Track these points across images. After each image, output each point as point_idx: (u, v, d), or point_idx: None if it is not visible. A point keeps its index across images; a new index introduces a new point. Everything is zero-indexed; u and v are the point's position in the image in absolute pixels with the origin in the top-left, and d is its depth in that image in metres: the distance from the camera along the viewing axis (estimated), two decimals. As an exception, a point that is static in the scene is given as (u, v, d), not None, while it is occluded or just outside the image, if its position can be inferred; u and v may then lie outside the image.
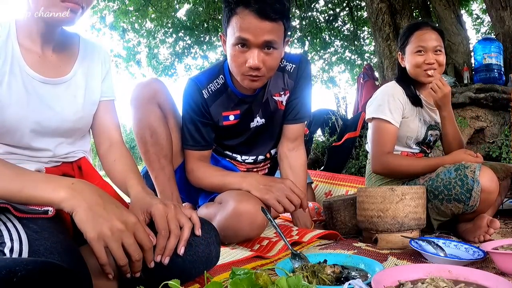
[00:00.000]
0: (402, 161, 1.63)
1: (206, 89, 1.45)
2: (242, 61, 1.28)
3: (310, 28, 8.26)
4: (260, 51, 1.26)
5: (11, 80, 0.92)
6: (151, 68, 8.96)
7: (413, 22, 1.83)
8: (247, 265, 1.10)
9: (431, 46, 1.64)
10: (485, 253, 1.09)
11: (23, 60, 0.94)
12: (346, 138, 3.85)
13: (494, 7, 4.07)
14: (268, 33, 1.23)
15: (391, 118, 1.62)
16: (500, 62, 3.67)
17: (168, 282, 0.67)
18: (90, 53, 1.10)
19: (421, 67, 1.65)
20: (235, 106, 1.49)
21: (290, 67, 1.53)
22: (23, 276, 0.51)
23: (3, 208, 0.69)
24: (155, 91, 1.48)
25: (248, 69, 1.28)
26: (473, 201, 1.36)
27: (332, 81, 10.13)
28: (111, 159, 1.10)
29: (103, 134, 1.12)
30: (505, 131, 3.24)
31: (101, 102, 1.12)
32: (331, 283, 0.84)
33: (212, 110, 1.48)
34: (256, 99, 1.51)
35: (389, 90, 1.70)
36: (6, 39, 0.92)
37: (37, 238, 0.68)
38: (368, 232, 1.41)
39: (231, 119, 1.51)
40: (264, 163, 1.73)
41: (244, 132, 1.58)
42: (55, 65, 1.01)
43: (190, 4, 7.91)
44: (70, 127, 1.03)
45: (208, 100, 1.46)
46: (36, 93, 0.96)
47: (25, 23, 0.95)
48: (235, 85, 1.46)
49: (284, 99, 1.56)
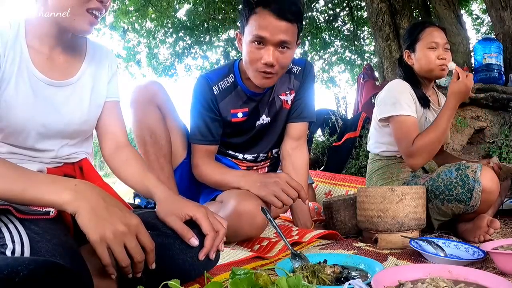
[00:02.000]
0: (426, 137, 1.56)
1: (216, 86, 1.51)
2: (258, 58, 1.34)
3: (310, 28, 8.26)
4: (275, 49, 1.33)
5: (18, 81, 0.92)
6: (151, 68, 8.95)
7: (418, 21, 1.87)
8: (247, 265, 1.10)
9: (442, 42, 1.68)
10: (485, 253, 1.09)
11: (31, 61, 0.94)
12: (346, 138, 3.84)
13: (494, 7, 4.07)
14: (284, 32, 1.30)
15: (411, 111, 1.63)
16: (500, 62, 3.66)
17: (168, 282, 0.67)
18: (97, 56, 1.10)
19: (435, 62, 1.68)
20: (243, 104, 1.54)
21: (296, 69, 1.60)
22: (25, 276, 0.51)
23: (4, 209, 0.69)
24: (154, 93, 1.52)
25: (262, 65, 1.34)
26: (474, 201, 1.36)
27: (332, 81, 10.12)
28: (121, 158, 1.10)
29: (108, 134, 1.12)
30: (505, 131, 3.24)
31: (106, 103, 1.12)
32: (331, 283, 0.84)
33: (221, 107, 1.52)
34: (263, 98, 1.55)
35: (400, 87, 1.71)
36: (15, 39, 0.92)
37: (38, 240, 0.68)
38: (368, 232, 1.41)
39: (239, 116, 1.55)
40: (264, 162, 1.74)
41: (249, 130, 1.61)
42: (62, 67, 1.01)
43: (190, 4, 7.90)
44: (75, 129, 1.04)
45: (218, 97, 1.51)
46: (43, 95, 0.96)
47: (36, 23, 0.95)
48: (245, 83, 1.52)
49: (290, 98, 1.60)
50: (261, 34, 1.30)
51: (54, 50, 0.99)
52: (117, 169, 1.11)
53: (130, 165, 1.08)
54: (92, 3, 0.91)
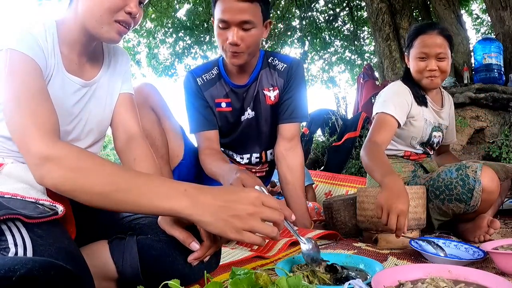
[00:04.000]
0: (369, 158, 1.43)
1: (200, 77, 1.62)
2: (224, 39, 1.43)
3: (310, 28, 8.27)
4: (239, 30, 1.41)
5: (53, 83, 0.94)
6: (151, 68, 8.97)
7: (420, 24, 1.77)
8: (247, 265, 1.10)
9: (434, 52, 1.59)
10: (485, 253, 1.09)
11: (63, 67, 0.96)
12: (346, 138, 3.85)
13: (494, 7, 4.07)
14: (245, 12, 1.39)
15: (394, 112, 1.57)
16: (500, 62, 3.67)
17: (168, 282, 0.67)
18: (112, 57, 1.12)
19: (423, 73, 1.63)
20: (226, 94, 1.62)
21: (281, 66, 1.63)
22: (23, 275, 0.50)
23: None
24: (147, 95, 1.56)
25: (229, 45, 1.43)
26: (474, 201, 1.35)
27: (332, 81, 10.12)
28: (130, 156, 1.09)
29: (120, 127, 1.12)
30: (505, 131, 3.24)
31: (120, 95, 1.12)
32: (331, 283, 0.84)
33: (206, 96, 1.62)
34: (247, 91, 1.61)
35: (395, 88, 1.69)
36: (52, 45, 0.93)
37: (41, 243, 0.67)
38: (368, 232, 1.41)
39: (223, 106, 1.63)
40: (261, 166, 1.75)
41: (236, 125, 1.66)
42: (87, 72, 1.04)
43: (190, 4, 7.91)
44: (89, 132, 1.06)
45: (202, 87, 1.61)
46: (71, 101, 0.98)
47: (67, 30, 0.97)
48: (228, 75, 1.61)
49: (273, 94, 1.64)
50: (223, 18, 1.39)
51: (82, 57, 1.01)
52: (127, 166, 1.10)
53: (137, 167, 1.06)
54: (121, 15, 0.93)
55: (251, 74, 1.59)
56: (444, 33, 1.63)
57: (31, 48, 0.87)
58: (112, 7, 0.91)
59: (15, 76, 0.82)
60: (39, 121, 0.79)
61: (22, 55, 0.85)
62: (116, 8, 0.92)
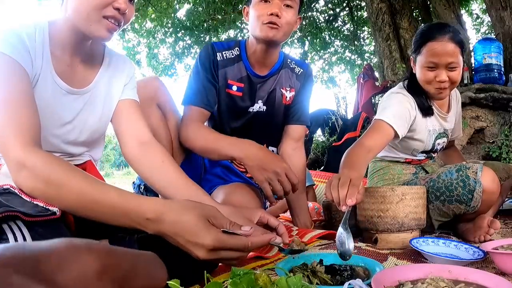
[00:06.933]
0: (345, 155, 1.38)
1: (221, 53, 1.55)
2: (264, 12, 1.43)
3: (310, 28, 8.27)
4: (281, 3, 1.43)
5: (41, 85, 0.92)
6: (151, 68, 8.97)
7: (428, 26, 1.58)
8: (247, 265, 1.10)
9: (444, 62, 1.44)
10: (485, 253, 1.09)
11: (53, 69, 0.95)
12: (346, 138, 3.85)
13: (494, 7, 4.07)
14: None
15: (392, 122, 1.46)
16: (500, 62, 3.67)
17: (168, 282, 0.67)
18: (113, 65, 1.10)
19: (432, 84, 1.50)
20: (241, 78, 1.57)
21: (298, 70, 1.67)
22: None
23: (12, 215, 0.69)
24: (155, 91, 1.49)
25: (268, 17, 1.42)
26: (474, 202, 1.35)
27: (332, 81, 10.12)
28: (156, 160, 1.08)
29: (127, 135, 1.10)
30: (505, 131, 3.24)
31: (125, 101, 1.11)
32: (332, 283, 0.84)
33: (220, 73, 1.55)
34: (263, 84, 1.59)
35: (399, 98, 1.56)
36: (42, 45, 0.93)
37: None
38: (368, 232, 1.41)
39: (234, 89, 1.57)
40: None
41: (243, 114, 1.61)
42: (81, 75, 1.02)
43: (190, 4, 7.91)
44: (85, 138, 1.05)
45: (219, 63, 1.54)
46: (61, 104, 0.97)
47: (59, 30, 0.96)
48: (249, 60, 1.56)
49: (289, 95, 1.65)
50: None
51: (75, 58, 1.00)
52: (147, 170, 1.09)
53: (168, 169, 1.07)
54: (109, 11, 0.91)
55: (270, 68, 1.59)
56: (456, 38, 1.45)
57: (15, 48, 0.86)
58: (99, 3, 0.90)
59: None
60: (19, 126, 0.79)
61: (5, 56, 0.84)
62: (103, 4, 0.90)
